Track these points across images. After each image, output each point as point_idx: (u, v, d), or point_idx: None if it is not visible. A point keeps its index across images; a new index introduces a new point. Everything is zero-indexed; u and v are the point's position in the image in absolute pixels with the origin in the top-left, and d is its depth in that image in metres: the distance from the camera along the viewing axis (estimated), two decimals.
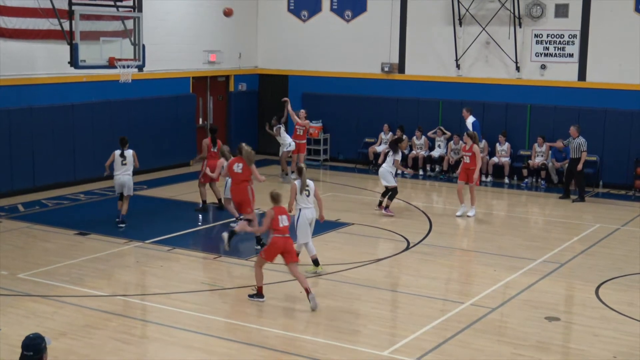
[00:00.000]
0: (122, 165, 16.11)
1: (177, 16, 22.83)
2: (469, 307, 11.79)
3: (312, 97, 24.86)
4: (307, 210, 13.14)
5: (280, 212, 11.70)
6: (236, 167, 14.62)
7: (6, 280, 12.66)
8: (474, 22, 22.30)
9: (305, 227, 13.08)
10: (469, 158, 17.62)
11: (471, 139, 17.69)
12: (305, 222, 13.07)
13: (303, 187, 13.15)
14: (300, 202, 13.11)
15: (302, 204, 13.11)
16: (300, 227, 13.06)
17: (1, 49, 18.31)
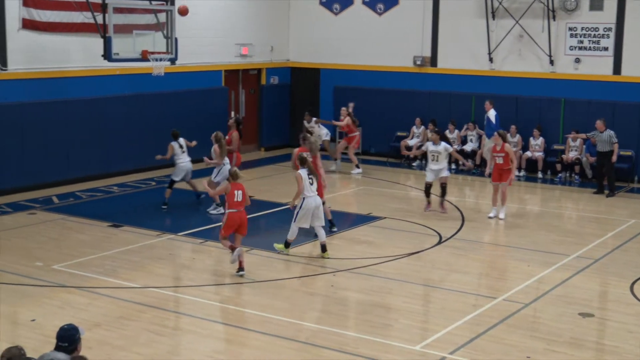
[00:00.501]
0: (182, 153, 17.27)
1: (209, 9, 22.89)
2: (501, 302, 11.72)
3: (343, 90, 24.81)
4: (310, 198, 13.60)
5: (236, 188, 12.71)
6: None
7: (41, 271, 12.79)
8: (507, 15, 22.12)
9: (307, 213, 13.58)
10: (502, 159, 16.79)
11: (502, 138, 16.93)
12: (307, 209, 13.57)
13: (309, 174, 13.67)
14: (305, 190, 13.58)
15: (307, 193, 13.59)
16: (302, 213, 13.61)
17: (36, 42, 18.48)
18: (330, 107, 25.14)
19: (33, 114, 18.41)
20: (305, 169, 13.76)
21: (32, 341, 9.80)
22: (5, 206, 17.10)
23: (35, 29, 18.40)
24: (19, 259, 13.43)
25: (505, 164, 16.78)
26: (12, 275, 12.55)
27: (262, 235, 15.83)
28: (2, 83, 17.91)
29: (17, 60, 18.13)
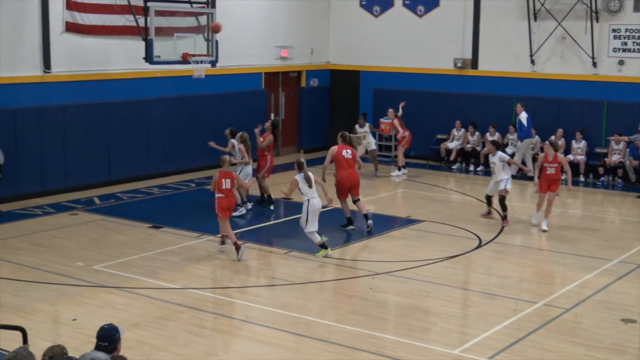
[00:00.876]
0: None
1: (249, 12, 22.99)
2: (542, 307, 11.59)
3: (383, 92, 24.75)
4: (314, 199, 13.89)
5: (224, 176, 13.91)
6: (345, 154, 15.57)
7: (82, 271, 12.93)
8: (549, 17, 21.90)
9: (314, 215, 13.86)
10: (554, 169, 15.80)
11: (553, 147, 15.92)
12: (314, 210, 13.85)
13: (306, 180, 13.92)
14: (307, 193, 13.89)
15: (309, 195, 13.89)
16: (310, 215, 13.86)
17: (79, 45, 18.70)
18: (370, 109, 25.06)
19: (75, 116, 18.63)
20: (301, 173, 14.01)
21: (73, 340, 9.90)
22: (48, 207, 17.32)
23: (78, 32, 18.62)
24: (61, 259, 13.60)
25: (557, 174, 15.95)
26: (54, 275, 12.71)
27: (300, 238, 15.83)
28: (45, 85, 18.16)
29: (60, 62, 18.36)
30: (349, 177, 15.61)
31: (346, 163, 15.62)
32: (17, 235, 15.13)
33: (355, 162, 15.73)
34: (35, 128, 17.80)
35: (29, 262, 13.35)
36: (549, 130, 21.63)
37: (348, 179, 15.60)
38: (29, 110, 17.75)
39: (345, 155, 15.64)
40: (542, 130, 21.77)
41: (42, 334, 10.15)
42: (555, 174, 15.90)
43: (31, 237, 15.00)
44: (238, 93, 22.74)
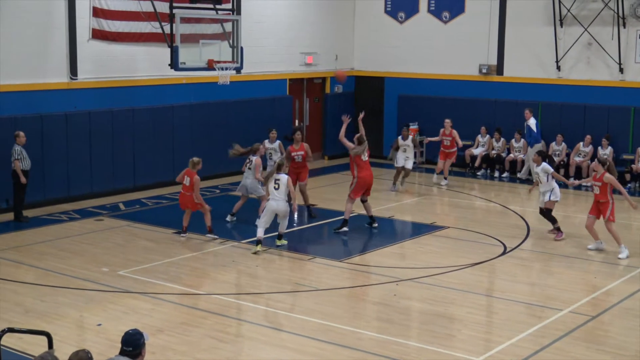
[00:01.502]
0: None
1: (274, 19, 23.06)
2: (567, 315, 11.50)
3: (408, 99, 24.72)
4: (273, 201, 14.51)
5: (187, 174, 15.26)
6: (364, 157, 15.98)
7: (107, 276, 13.00)
8: (575, 23, 21.77)
9: (268, 214, 14.57)
10: (599, 189, 14.42)
11: (602, 166, 14.44)
12: (269, 210, 14.56)
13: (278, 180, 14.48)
14: (270, 193, 14.54)
15: (271, 196, 14.55)
16: (264, 213, 14.63)
17: (105, 52, 18.84)
18: (394, 116, 25.07)
19: (101, 122, 18.76)
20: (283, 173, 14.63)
21: (98, 345, 9.96)
22: (74, 212, 17.45)
23: (105, 38, 18.76)
24: (86, 264, 13.68)
25: (602, 196, 14.46)
26: (79, 280, 12.79)
27: (325, 244, 15.86)
28: (72, 92, 18.31)
29: (86, 69, 18.51)
30: (370, 177, 16.09)
31: (364, 164, 16.05)
32: (43, 240, 15.26)
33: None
34: (61, 134, 17.95)
35: (54, 268, 13.45)
36: (575, 137, 21.50)
37: (369, 177, 16.08)
38: (56, 116, 17.91)
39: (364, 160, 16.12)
40: (568, 137, 21.64)
41: (68, 339, 10.22)
42: (600, 194, 14.48)
43: (57, 242, 15.12)
44: (263, 99, 22.80)
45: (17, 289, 12.30)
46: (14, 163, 16.23)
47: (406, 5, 24.80)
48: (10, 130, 16.99)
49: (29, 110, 17.48)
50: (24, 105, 17.42)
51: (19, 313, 11.24)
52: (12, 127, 17.02)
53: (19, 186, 16.38)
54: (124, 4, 18.94)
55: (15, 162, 16.22)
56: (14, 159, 16.23)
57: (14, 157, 16.24)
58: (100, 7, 18.55)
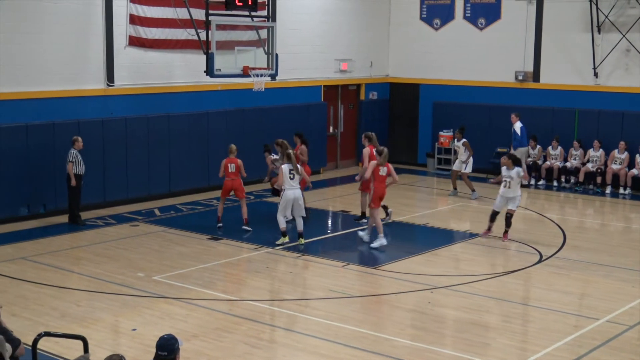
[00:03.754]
0: None
1: (310, 25, 23.10)
2: (604, 324, 11.36)
3: (443, 106, 24.62)
4: (290, 191, 15.14)
5: (229, 162, 16.27)
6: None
7: (142, 282, 13.08)
8: (613, 29, 21.55)
9: (287, 204, 15.20)
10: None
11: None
12: (287, 200, 15.17)
13: (293, 170, 15.19)
14: (285, 183, 15.11)
15: (287, 185, 15.12)
16: (282, 204, 15.25)
17: (141, 59, 18.99)
18: (429, 123, 24.97)
19: (137, 128, 18.91)
20: (289, 164, 15.18)
21: (133, 350, 10.02)
22: (110, 218, 17.59)
23: (141, 45, 18.91)
24: (122, 269, 13.78)
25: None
26: (115, 285, 12.88)
27: (358, 251, 15.82)
28: (108, 99, 18.47)
29: (123, 76, 18.67)
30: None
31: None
32: (79, 245, 15.40)
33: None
34: (98, 140, 18.11)
35: (90, 272, 13.56)
36: (612, 145, 21.26)
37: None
38: (93, 122, 18.07)
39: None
40: (605, 144, 21.40)
41: (103, 344, 10.29)
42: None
43: (93, 247, 15.25)
44: (297, 106, 22.84)
45: (54, 293, 12.42)
46: (68, 165, 16.54)
47: (442, 12, 24.72)
48: (48, 135, 17.23)
49: (67, 117, 17.67)
50: (62, 111, 17.61)
51: (55, 317, 11.35)
52: (50, 133, 17.26)
53: (74, 189, 16.68)
54: (161, 11, 19.08)
55: (68, 165, 16.54)
56: (68, 162, 16.55)
57: (68, 160, 16.57)
58: (137, 14, 18.71)
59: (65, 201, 17.07)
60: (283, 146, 16.04)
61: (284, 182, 15.15)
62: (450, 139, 24.01)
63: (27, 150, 17.00)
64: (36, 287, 12.69)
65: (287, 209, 15.34)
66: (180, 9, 18.68)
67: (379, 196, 15.51)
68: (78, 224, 16.75)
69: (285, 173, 15.13)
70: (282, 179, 15.16)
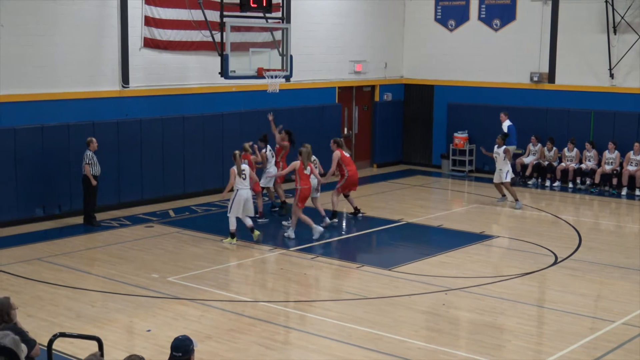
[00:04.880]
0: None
1: (324, 27, 23.09)
2: (620, 326, 11.29)
3: (457, 107, 24.57)
4: (243, 190, 15.57)
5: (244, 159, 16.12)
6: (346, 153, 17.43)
7: (157, 282, 13.11)
8: (629, 30, 21.43)
9: (238, 204, 15.49)
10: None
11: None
12: (240, 200, 15.49)
13: (240, 171, 15.58)
14: (238, 183, 15.52)
15: (239, 185, 15.54)
16: (235, 204, 15.52)
17: (156, 60, 19.05)
18: (443, 124, 24.91)
19: (152, 129, 18.97)
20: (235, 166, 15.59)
21: (147, 351, 10.04)
22: (125, 219, 17.64)
23: (156, 47, 18.96)
24: (136, 270, 13.82)
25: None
26: (130, 286, 12.91)
27: (374, 252, 15.82)
28: (123, 100, 18.54)
29: (138, 78, 18.73)
30: (357, 174, 17.53)
31: (350, 160, 17.41)
32: (94, 246, 15.46)
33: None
34: (113, 141, 18.17)
35: (105, 273, 13.61)
36: (629, 146, 21.14)
37: (357, 174, 17.51)
38: (108, 124, 18.14)
39: (347, 154, 17.36)
40: (621, 145, 21.27)
41: (117, 344, 10.32)
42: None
43: (108, 248, 15.30)
44: (312, 107, 22.84)
45: (69, 294, 12.47)
46: (84, 167, 16.62)
47: (456, 13, 24.67)
48: (63, 137, 17.30)
49: (82, 118, 17.74)
50: (77, 112, 17.68)
51: (70, 318, 11.39)
52: (65, 135, 17.33)
53: (89, 190, 16.78)
54: (176, 12, 19.13)
55: (85, 167, 16.63)
56: (85, 164, 16.64)
57: (84, 162, 16.65)
58: (152, 16, 18.77)
59: (80, 202, 17.14)
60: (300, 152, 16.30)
61: (236, 182, 15.54)
62: (465, 140, 23.94)
63: (43, 151, 17.08)
64: (51, 288, 12.75)
65: (238, 209, 15.54)
66: (195, 10, 18.74)
67: (305, 196, 15.96)
68: (93, 225, 16.82)
69: (236, 174, 15.53)
70: (232, 180, 15.58)
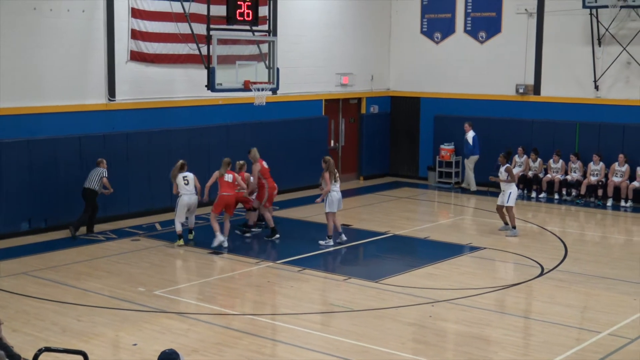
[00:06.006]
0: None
1: (310, 40, 23.16)
2: (606, 337, 11.33)
3: (444, 119, 24.65)
4: (185, 196, 16.40)
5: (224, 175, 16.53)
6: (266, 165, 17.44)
7: (143, 296, 13.07)
8: (614, 42, 21.59)
9: (181, 209, 16.43)
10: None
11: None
12: (182, 205, 16.42)
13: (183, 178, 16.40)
14: (181, 189, 16.37)
15: (182, 191, 16.41)
16: (179, 209, 16.47)
17: (142, 74, 19.04)
18: (430, 136, 24.99)
19: (138, 142, 18.94)
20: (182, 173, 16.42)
21: None
22: (111, 232, 17.59)
23: (143, 60, 18.96)
24: (123, 284, 13.77)
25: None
26: (116, 299, 12.87)
27: (360, 264, 15.83)
28: (110, 113, 18.51)
29: (124, 91, 18.72)
30: (274, 187, 17.27)
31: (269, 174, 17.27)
32: (80, 260, 15.39)
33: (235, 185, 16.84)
34: (99, 154, 18.08)
35: (91, 287, 13.55)
36: (614, 157, 21.25)
37: (274, 188, 17.26)
38: (94, 137, 18.12)
39: (265, 166, 17.30)
40: (606, 157, 21.39)
41: (103, 359, 10.27)
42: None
43: (94, 262, 15.25)
44: (298, 120, 22.88)
45: (55, 308, 12.41)
46: (103, 180, 17.22)
47: (442, 25, 24.78)
48: (50, 151, 17.26)
49: (68, 131, 17.71)
50: (63, 126, 17.65)
51: (56, 332, 11.33)
52: (52, 148, 17.29)
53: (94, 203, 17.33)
54: (162, 26, 19.14)
55: (103, 180, 17.19)
56: (103, 177, 17.23)
57: (102, 176, 17.20)
58: (138, 29, 18.77)
59: (66, 216, 17.10)
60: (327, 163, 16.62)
61: (180, 188, 16.37)
62: (452, 152, 24.02)
63: (29, 165, 17.03)
64: (37, 302, 12.69)
65: (182, 212, 16.40)
66: (182, 23, 18.75)
67: (222, 202, 16.31)
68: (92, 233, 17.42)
69: (179, 181, 16.36)
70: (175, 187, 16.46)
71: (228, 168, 16.60)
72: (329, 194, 16.43)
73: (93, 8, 18.04)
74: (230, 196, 16.41)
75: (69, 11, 17.60)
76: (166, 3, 18.86)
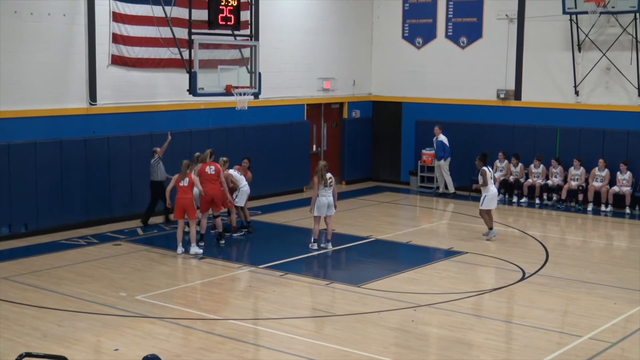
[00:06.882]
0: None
1: (292, 45, 23.17)
2: (587, 341, 11.39)
3: (425, 124, 24.69)
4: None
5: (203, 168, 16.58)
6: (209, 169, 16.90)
7: (124, 301, 13.01)
8: (593, 48, 21.74)
9: None
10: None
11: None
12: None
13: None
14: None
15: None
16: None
17: (124, 78, 18.98)
18: (412, 141, 25.06)
19: (120, 147, 18.87)
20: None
21: None
22: (92, 237, 17.51)
23: (124, 64, 18.91)
24: (104, 289, 13.71)
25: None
26: (97, 304, 12.81)
27: (343, 269, 15.83)
28: (91, 118, 18.44)
29: (105, 95, 18.65)
30: (211, 191, 16.64)
31: (209, 177, 16.73)
32: (61, 265, 15.31)
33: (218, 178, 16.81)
34: (80, 159, 18.07)
35: (72, 292, 13.48)
36: (594, 162, 21.39)
37: (210, 192, 16.61)
38: (75, 141, 18.03)
39: (208, 172, 16.71)
40: (586, 162, 21.52)
41: None
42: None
43: (75, 267, 15.17)
44: (280, 124, 22.87)
45: (35, 314, 12.34)
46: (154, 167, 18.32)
47: (424, 31, 24.87)
48: (30, 155, 17.16)
49: (49, 135, 17.62)
50: (44, 130, 17.56)
51: (36, 337, 11.26)
52: (32, 153, 17.19)
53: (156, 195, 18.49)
54: (144, 30, 19.09)
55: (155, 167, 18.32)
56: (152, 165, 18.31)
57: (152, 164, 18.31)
58: (119, 33, 18.72)
59: (46, 221, 17.05)
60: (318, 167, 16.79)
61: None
62: (433, 157, 24.08)
63: (9, 169, 16.92)
64: (17, 308, 12.60)
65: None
66: (163, 28, 18.71)
67: (179, 207, 16.01)
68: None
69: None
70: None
71: (187, 171, 16.40)
72: (317, 198, 16.45)
73: (74, 12, 17.98)
74: (188, 200, 16.14)
75: (50, 15, 17.52)
76: (147, 7, 18.81)
